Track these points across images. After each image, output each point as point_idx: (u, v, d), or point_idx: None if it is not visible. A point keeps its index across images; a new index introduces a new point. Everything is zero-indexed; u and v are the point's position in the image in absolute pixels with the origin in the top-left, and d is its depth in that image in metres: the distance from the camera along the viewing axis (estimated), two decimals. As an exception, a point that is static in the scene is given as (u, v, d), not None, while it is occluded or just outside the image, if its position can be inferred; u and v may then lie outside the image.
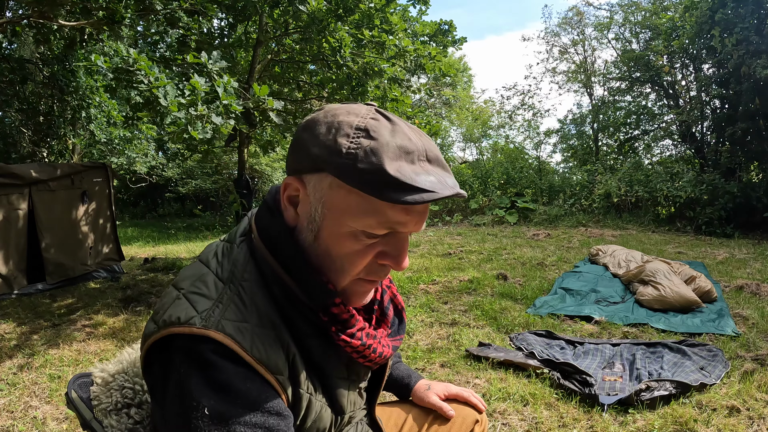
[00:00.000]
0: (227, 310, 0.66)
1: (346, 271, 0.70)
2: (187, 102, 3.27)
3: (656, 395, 2.29)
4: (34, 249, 4.81)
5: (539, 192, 12.35)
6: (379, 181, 0.62)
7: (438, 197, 0.62)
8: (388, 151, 0.63)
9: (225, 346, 0.63)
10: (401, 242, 0.70)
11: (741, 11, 8.54)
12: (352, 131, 0.65)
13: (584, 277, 4.92)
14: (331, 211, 0.67)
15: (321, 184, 0.67)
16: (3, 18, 5.24)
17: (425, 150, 0.66)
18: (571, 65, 15.82)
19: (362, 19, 5.06)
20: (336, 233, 0.68)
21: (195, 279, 0.71)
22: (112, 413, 0.81)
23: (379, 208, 0.65)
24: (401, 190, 0.61)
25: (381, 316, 0.87)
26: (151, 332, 0.67)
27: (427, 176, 0.64)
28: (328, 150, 0.65)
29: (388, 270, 0.72)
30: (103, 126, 8.10)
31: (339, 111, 0.69)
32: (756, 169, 9.69)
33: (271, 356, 0.66)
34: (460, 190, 0.65)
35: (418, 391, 1.15)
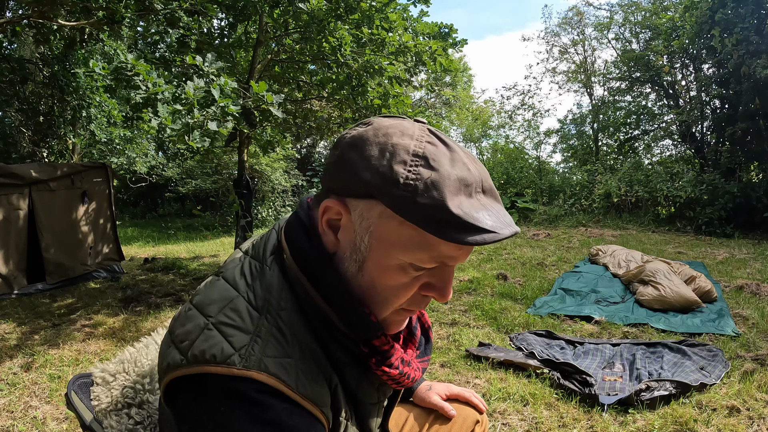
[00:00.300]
0: (268, 346, 0.62)
1: (389, 304, 0.67)
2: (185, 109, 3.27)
3: (656, 395, 2.29)
4: (34, 249, 4.81)
5: (539, 192, 12.36)
6: (441, 218, 0.58)
7: (498, 239, 0.58)
8: (450, 184, 0.59)
9: (270, 386, 0.60)
10: (448, 275, 0.67)
11: (741, 11, 8.54)
12: (410, 158, 0.60)
13: (584, 277, 4.92)
14: (379, 242, 0.63)
15: (370, 213, 0.63)
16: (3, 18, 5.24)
17: (481, 180, 0.63)
18: (571, 65, 15.83)
19: (362, 18, 5.05)
20: (383, 265, 0.64)
21: (224, 305, 0.65)
22: (112, 414, 0.81)
23: (432, 242, 0.61)
24: (463, 230, 0.58)
25: (408, 336, 0.84)
26: (177, 365, 0.62)
27: (486, 213, 0.60)
28: (382, 178, 0.60)
29: (429, 300, 0.69)
30: (104, 126, 8.10)
31: (391, 130, 0.63)
32: (756, 169, 9.69)
33: (317, 390, 0.64)
34: (516, 228, 0.62)
35: (419, 391, 1.15)
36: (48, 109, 7.80)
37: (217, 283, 0.69)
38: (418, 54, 5.27)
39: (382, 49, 5.14)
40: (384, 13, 5.05)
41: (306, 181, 13.49)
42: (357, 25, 5.10)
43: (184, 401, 0.63)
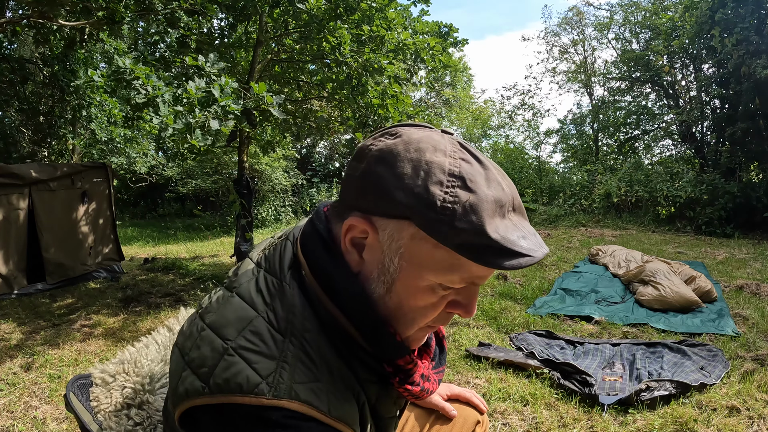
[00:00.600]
0: (296, 372, 0.59)
1: (416, 323, 0.65)
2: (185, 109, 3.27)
3: (656, 395, 2.29)
4: (34, 249, 4.81)
5: (539, 192, 12.36)
6: (479, 244, 0.56)
7: (534, 262, 0.57)
8: (488, 208, 0.57)
9: (301, 413, 0.58)
10: (474, 293, 0.66)
11: (741, 11, 8.54)
12: (446, 178, 0.58)
13: (584, 277, 4.92)
14: (410, 264, 0.60)
15: (401, 234, 0.60)
16: (3, 18, 5.24)
17: (512, 198, 0.61)
18: (571, 65, 15.83)
19: (362, 19, 5.06)
20: (413, 287, 0.62)
21: (243, 326, 0.61)
22: (111, 414, 0.81)
23: (465, 264, 0.59)
24: (501, 255, 0.56)
25: (424, 346, 0.83)
26: (199, 393, 0.59)
27: (519, 234, 0.59)
28: (417, 199, 0.57)
29: (452, 317, 0.69)
30: (104, 125, 8.10)
31: (423, 145, 0.60)
32: (756, 169, 9.69)
33: (347, 411, 0.63)
34: (546, 248, 0.61)
35: None
36: (48, 109, 7.80)
37: (232, 301, 0.65)
38: (416, 51, 5.27)
39: (381, 47, 5.14)
40: (384, 12, 5.05)
41: (306, 181, 13.49)
42: (357, 25, 5.10)
43: (209, 426, 0.61)
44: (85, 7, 3.80)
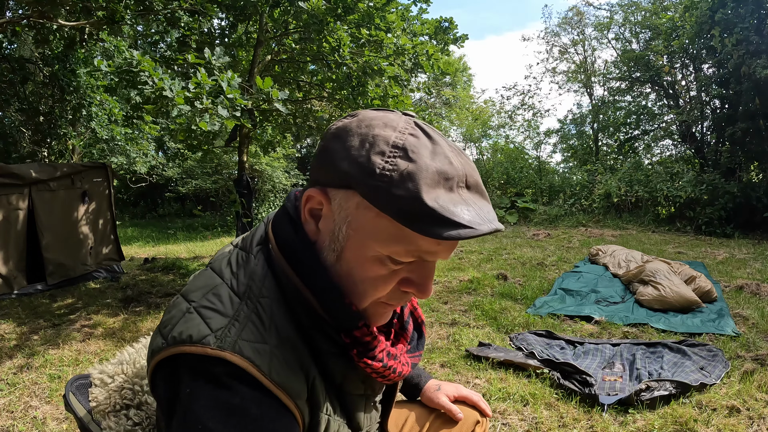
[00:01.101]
0: (244, 330, 0.61)
1: (367, 295, 0.66)
2: (193, 95, 3.26)
3: (656, 395, 2.29)
4: (34, 249, 4.81)
5: (539, 192, 12.36)
6: (415, 211, 0.57)
7: (476, 234, 0.57)
8: (427, 176, 0.58)
9: (242, 369, 0.59)
10: (427, 271, 0.66)
11: (741, 11, 8.54)
12: (389, 149, 0.59)
13: (584, 277, 4.92)
14: (356, 233, 0.62)
15: (348, 203, 0.62)
16: (3, 18, 5.23)
17: (465, 175, 0.61)
18: (571, 65, 15.83)
19: (362, 19, 5.06)
20: (360, 256, 0.63)
21: (207, 291, 0.66)
22: (110, 414, 0.81)
23: (409, 236, 0.60)
24: (437, 223, 0.56)
25: (400, 330, 0.83)
26: (159, 348, 0.63)
27: (465, 208, 0.59)
28: (359, 168, 0.60)
29: (410, 296, 0.69)
30: (105, 123, 8.09)
31: (375, 122, 0.63)
32: (756, 169, 9.69)
33: (291, 380, 0.62)
34: (498, 225, 0.60)
35: (427, 390, 1.13)
36: (48, 109, 7.80)
37: (204, 273, 0.70)
38: (415, 56, 5.28)
39: (380, 50, 5.15)
40: (383, 12, 5.05)
41: (306, 181, 13.50)
42: (357, 26, 5.10)
43: (161, 384, 0.64)
44: (85, 7, 3.80)
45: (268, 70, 6.08)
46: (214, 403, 0.58)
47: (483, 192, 0.64)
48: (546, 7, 34.53)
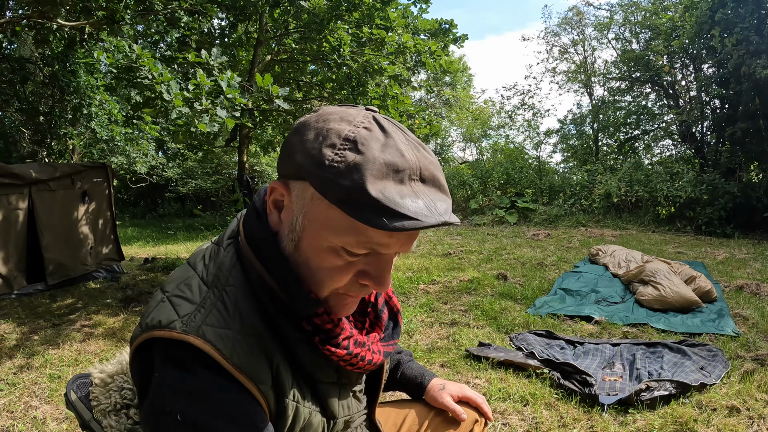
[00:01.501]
0: (209, 316, 0.64)
1: (325, 285, 0.67)
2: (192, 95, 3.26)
3: (656, 395, 2.29)
4: (34, 249, 4.81)
5: (539, 192, 12.36)
6: (359, 201, 0.57)
7: (421, 226, 0.57)
8: (374, 168, 0.58)
9: (204, 353, 0.61)
10: (383, 263, 0.66)
11: (741, 11, 8.54)
12: (340, 141, 0.61)
13: (584, 277, 4.92)
14: (311, 223, 0.65)
15: (304, 194, 0.65)
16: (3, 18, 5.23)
17: (419, 168, 0.61)
18: (571, 65, 15.84)
19: (362, 18, 5.06)
20: (315, 246, 0.65)
21: (180, 282, 0.69)
22: (111, 414, 0.81)
23: (359, 227, 0.61)
24: (381, 214, 0.57)
25: (375, 319, 0.84)
26: (135, 336, 0.67)
27: (414, 200, 0.59)
28: (311, 160, 0.61)
29: (369, 289, 0.69)
30: (104, 123, 8.10)
31: (332, 116, 0.65)
32: (756, 169, 9.69)
33: (253, 364, 0.64)
34: (450, 218, 0.60)
35: (431, 390, 1.12)
36: (48, 109, 7.80)
37: (182, 267, 0.74)
38: (417, 54, 5.28)
39: (382, 48, 5.15)
40: (385, 11, 5.05)
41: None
42: (357, 25, 5.10)
43: (136, 369, 0.68)
44: (85, 7, 3.80)
45: (268, 70, 6.09)
46: (179, 387, 0.61)
47: (441, 186, 0.63)
48: (546, 7, 34.57)
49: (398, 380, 1.15)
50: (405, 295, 4.45)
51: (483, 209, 11.97)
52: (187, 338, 0.62)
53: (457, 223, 0.62)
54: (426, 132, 6.00)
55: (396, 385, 1.16)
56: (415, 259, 6.21)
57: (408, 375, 1.15)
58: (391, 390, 1.18)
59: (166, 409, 0.60)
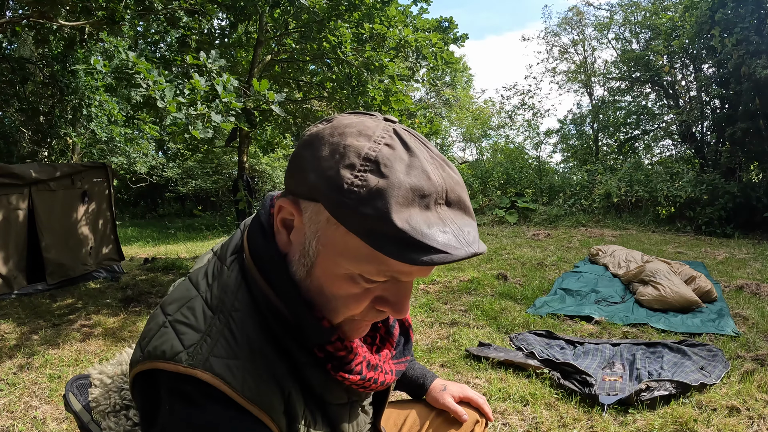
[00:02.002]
0: (216, 346, 0.60)
1: (339, 313, 0.63)
2: (187, 101, 3.27)
3: (656, 395, 2.29)
4: (34, 249, 4.81)
5: (539, 192, 12.36)
6: (384, 232, 0.52)
7: (451, 260, 0.52)
8: (399, 194, 0.53)
9: (213, 387, 0.59)
10: (404, 290, 0.62)
11: (741, 11, 8.54)
12: (360, 162, 0.54)
13: (584, 277, 4.92)
14: (326, 249, 0.59)
15: (318, 217, 0.59)
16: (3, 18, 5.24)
17: (445, 190, 0.56)
18: (571, 65, 15.84)
19: (363, 18, 5.06)
20: (331, 273, 0.60)
21: (182, 304, 0.65)
22: (110, 415, 0.81)
23: (380, 256, 0.55)
24: (408, 247, 0.52)
25: (386, 335, 0.81)
26: (136, 361, 0.64)
27: (442, 229, 0.54)
28: (327, 182, 0.55)
29: (386, 315, 0.65)
30: (104, 124, 8.10)
31: (348, 129, 0.58)
32: (756, 169, 9.69)
33: (264, 393, 0.61)
34: (479, 248, 0.56)
35: (433, 390, 1.12)
36: (48, 109, 7.81)
37: (183, 284, 0.70)
38: (418, 49, 5.27)
39: (383, 44, 5.14)
40: (385, 11, 5.06)
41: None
42: (357, 24, 5.10)
43: (138, 395, 0.65)
44: (85, 7, 3.80)
45: (268, 70, 6.08)
46: (187, 423, 0.58)
47: (466, 208, 0.58)
48: (546, 7, 34.58)
49: (400, 381, 1.14)
50: (405, 295, 4.45)
51: (483, 209, 11.97)
52: (194, 373, 0.58)
53: (483, 252, 0.57)
54: (426, 131, 6.01)
55: (397, 386, 1.15)
56: (415, 259, 6.20)
57: (410, 376, 1.15)
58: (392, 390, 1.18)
59: None
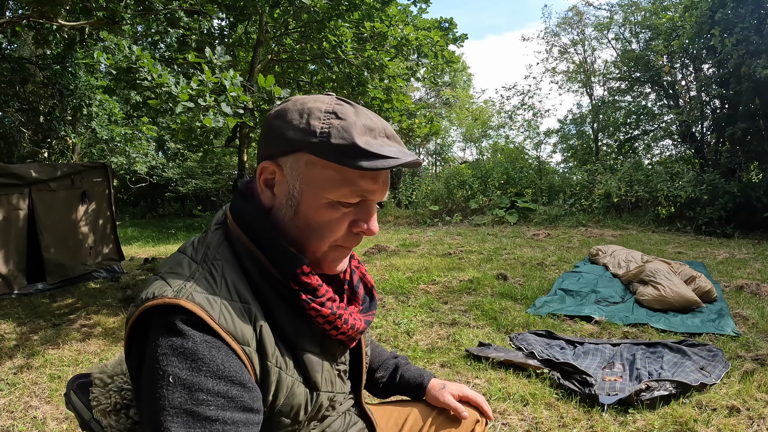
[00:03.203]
0: (198, 284, 0.70)
1: (325, 237, 0.77)
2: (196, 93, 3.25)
3: (656, 395, 2.29)
4: (34, 249, 4.81)
5: (539, 192, 12.36)
6: (353, 153, 0.71)
7: (401, 163, 0.72)
8: (357, 128, 0.73)
9: (194, 315, 0.66)
10: (370, 209, 0.79)
11: (741, 11, 8.54)
12: (323, 114, 0.74)
13: (584, 277, 4.92)
14: (309, 187, 0.75)
15: (298, 164, 0.75)
16: (3, 18, 5.23)
17: (383, 128, 0.76)
18: (570, 65, 15.84)
19: (362, 18, 5.05)
20: (315, 205, 0.75)
21: (172, 264, 0.76)
22: (111, 414, 0.81)
23: (351, 178, 0.73)
24: (371, 159, 0.71)
25: (352, 295, 0.90)
26: (131, 313, 0.71)
27: (389, 147, 0.74)
28: (303, 132, 0.73)
29: (361, 238, 0.80)
30: (105, 123, 8.10)
31: (306, 99, 0.77)
32: (756, 169, 9.69)
33: (238, 326, 0.69)
34: (417, 157, 0.74)
35: (432, 389, 1.14)
36: (48, 109, 7.81)
37: (175, 253, 0.81)
38: (419, 47, 5.26)
39: (383, 44, 5.13)
40: (385, 11, 5.05)
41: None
42: (357, 24, 5.10)
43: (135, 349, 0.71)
44: (85, 7, 3.80)
45: (268, 70, 6.08)
46: (171, 350, 0.64)
47: (400, 141, 0.79)
48: (546, 7, 34.61)
49: (398, 384, 1.16)
50: (405, 295, 4.45)
51: (483, 209, 11.97)
52: (177, 301, 0.66)
53: (421, 163, 0.78)
54: (426, 131, 6.00)
55: (396, 389, 1.17)
56: (415, 259, 6.21)
57: (407, 377, 1.16)
58: (392, 395, 1.19)
59: (159, 374, 0.63)
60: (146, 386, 0.65)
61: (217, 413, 0.64)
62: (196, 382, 0.63)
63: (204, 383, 0.64)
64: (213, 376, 0.64)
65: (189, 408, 0.63)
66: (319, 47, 5.23)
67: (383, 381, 1.16)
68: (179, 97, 3.19)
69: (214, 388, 0.64)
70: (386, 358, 1.20)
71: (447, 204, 12.68)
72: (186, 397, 0.63)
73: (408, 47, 5.21)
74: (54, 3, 3.64)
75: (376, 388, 1.17)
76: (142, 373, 0.67)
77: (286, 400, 0.75)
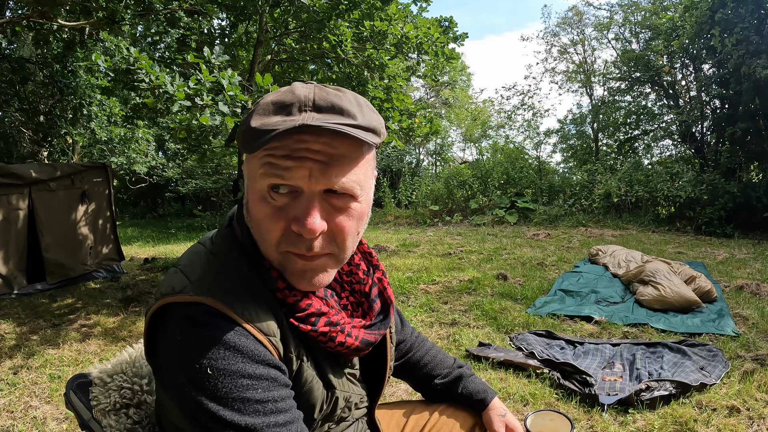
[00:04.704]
0: (218, 278, 0.69)
1: (266, 239, 0.71)
2: (193, 92, 3.25)
3: (656, 395, 2.29)
4: (34, 249, 4.81)
5: (539, 192, 12.35)
6: (245, 136, 0.66)
7: (285, 127, 0.62)
8: (260, 108, 0.67)
9: (218, 310, 0.65)
10: (305, 203, 0.67)
11: (741, 11, 8.54)
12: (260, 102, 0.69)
13: (584, 277, 4.92)
14: (248, 181, 0.72)
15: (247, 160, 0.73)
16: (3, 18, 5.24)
17: (312, 100, 0.66)
18: (570, 65, 15.84)
19: (362, 17, 5.05)
20: (253, 200, 0.71)
21: (191, 255, 0.76)
22: (110, 413, 0.81)
23: (262, 160, 0.67)
24: (258, 137, 0.63)
25: (368, 309, 0.87)
26: (150, 306, 0.70)
27: (293, 121, 0.63)
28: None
29: (306, 241, 0.68)
30: (104, 124, 8.09)
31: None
32: (756, 169, 9.68)
33: (263, 319, 0.68)
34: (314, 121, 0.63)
35: (492, 410, 1.12)
36: (48, 109, 7.81)
37: (193, 246, 0.81)
38: (419, 45, 5.26)
39: (383, 42, 5.12)
40: (385, 10, 5.05)
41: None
42: (357, 23, 5.10)
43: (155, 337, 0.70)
44: (85, 7, 3.80)
45: (268, 70, 6.08)
46: (201, 342, 0.63)
47: (342, 110, 0.66)
48: (545, 7, 34.60)
49: (459, 394, 1.14)
50: (405, 295, 4.45)
51: (483, 209, 11.96)
52: (199, 299, 0.65)
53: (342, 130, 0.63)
54: (426, 131, 6.00)
55: (456, 399, 1.15)
56: (415, 259, 6.21)
57: (471, 389, 1.14)
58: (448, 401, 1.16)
59: (195, 368, 0.62)
60: (180, 385, 0.63)
61: (266, 394, 0.64)
62: (236, 369, 0.63)
63: (244, 369, 0.63)
64: (250, 360, 0.64)
65: (237, 395, 0.62)
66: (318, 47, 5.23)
67: (442, 387, 1.14)
68: (176, 96, 3.19)
69: (255, 371, 0.64)
70: (449, 365, 1.17)
71: (447, 204, 12.67)
72: (230, 386, 0.62)
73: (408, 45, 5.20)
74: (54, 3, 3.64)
75: (434, 392, 1.15)
76: (170, 371, 0.65)
77: (305, 394, 0.74)
